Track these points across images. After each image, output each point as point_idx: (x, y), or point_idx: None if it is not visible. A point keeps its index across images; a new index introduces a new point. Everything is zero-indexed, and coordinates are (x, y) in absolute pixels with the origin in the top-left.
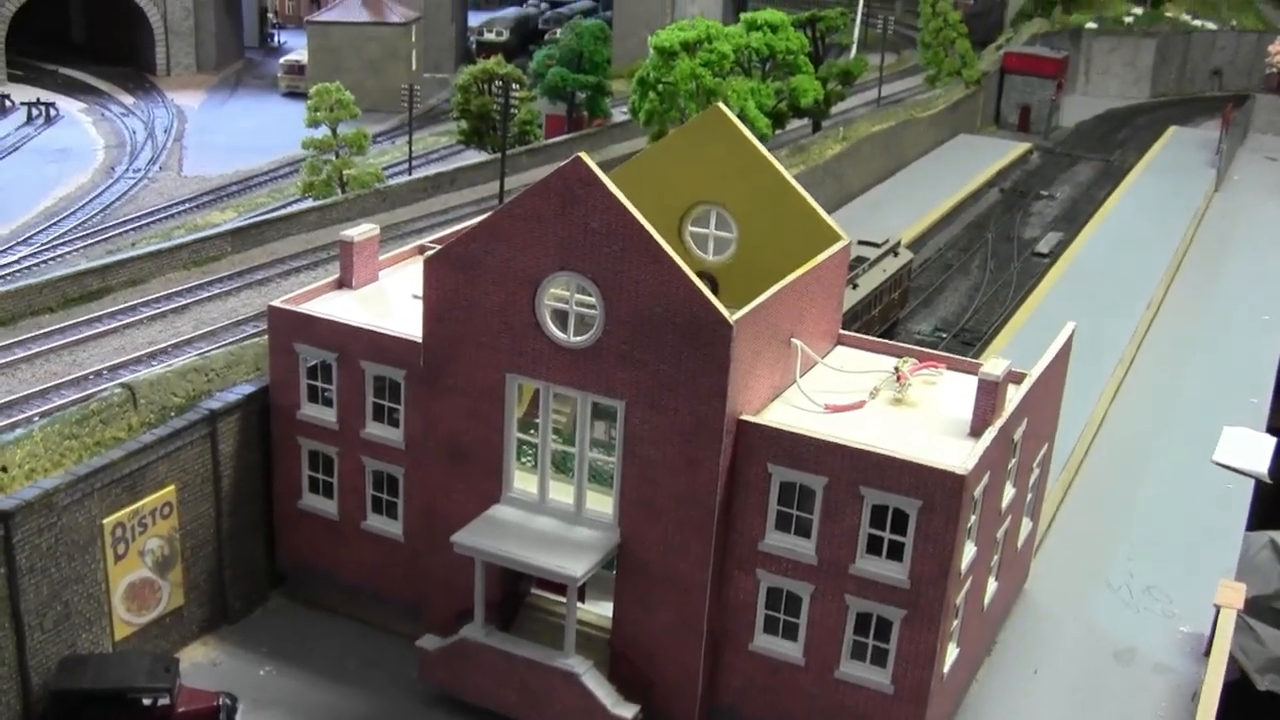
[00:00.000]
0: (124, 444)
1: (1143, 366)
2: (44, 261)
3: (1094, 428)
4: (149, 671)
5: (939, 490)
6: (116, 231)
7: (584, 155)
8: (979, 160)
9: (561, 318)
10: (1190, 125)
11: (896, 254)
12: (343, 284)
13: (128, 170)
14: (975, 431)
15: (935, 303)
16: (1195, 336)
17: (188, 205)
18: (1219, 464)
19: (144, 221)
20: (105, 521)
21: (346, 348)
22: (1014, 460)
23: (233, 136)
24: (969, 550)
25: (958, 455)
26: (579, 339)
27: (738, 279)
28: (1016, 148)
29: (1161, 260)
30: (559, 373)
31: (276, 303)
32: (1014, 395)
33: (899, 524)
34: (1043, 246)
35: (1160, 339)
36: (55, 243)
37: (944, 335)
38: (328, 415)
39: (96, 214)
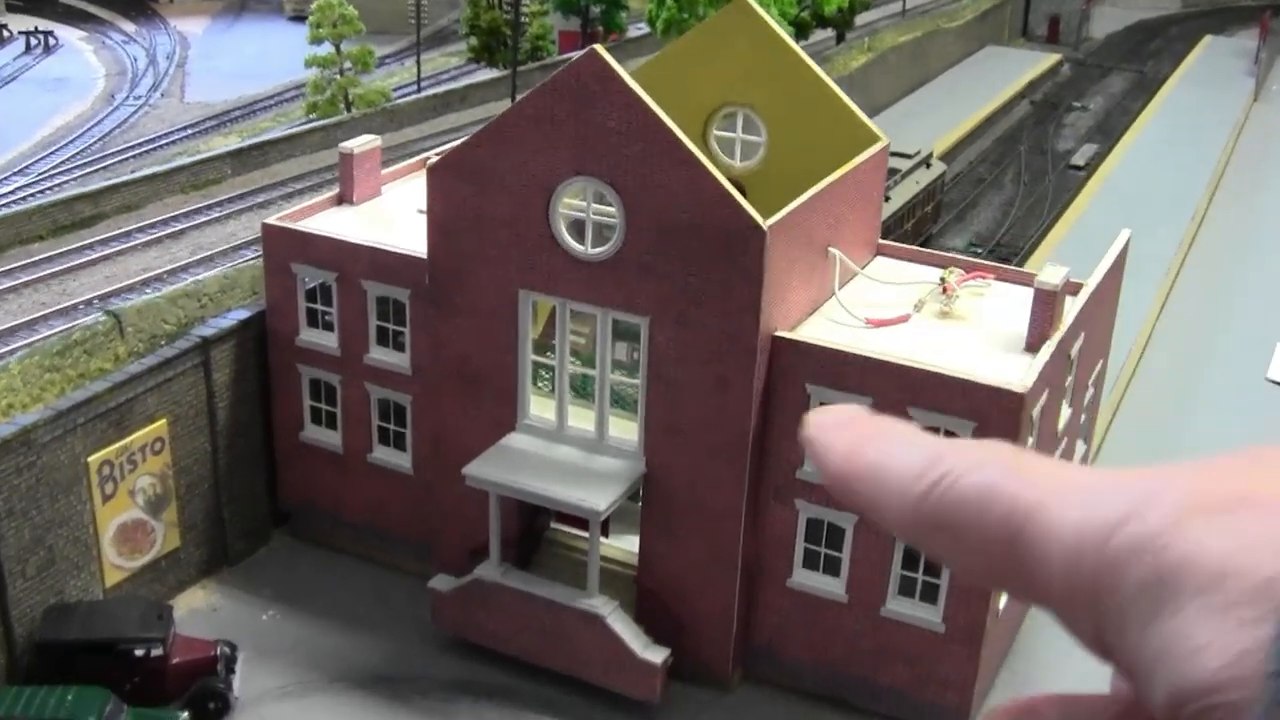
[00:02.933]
0: (110, 375)
1: (1189, 281)
2: (40, 191)
3: (1141, 346)
4: (140, 620)
5: (995, 410)
6: (115, 160)
7: (599, 48)
8: (1008, 72)
9: (578, 228)
10: (1225, 34)
11: (929, 166)
12: (343, 199)
13: (128, 98)
14: (1031, 346)
15: (968, 217)
16: (1242, 249)
17: (190, 131)
18: (1273, 381)
19: (144, 149)
20: (90, 459)
21: (347, 267)
22: (1070, 378)
23: (237, 62)
24: None
25: (1014, 372)
26: (597, 251)
27: (767, 186)
28: (1046, 59)
29: (1203, 172)
30: (576, 288)
31: (271, 220)
32: (1071, 307)
33: None
34: (1078, 159)
35: (1206, 252)
36: (52, 172)
37: (979, 250)
38: (329, 340)
39: (95, 142)
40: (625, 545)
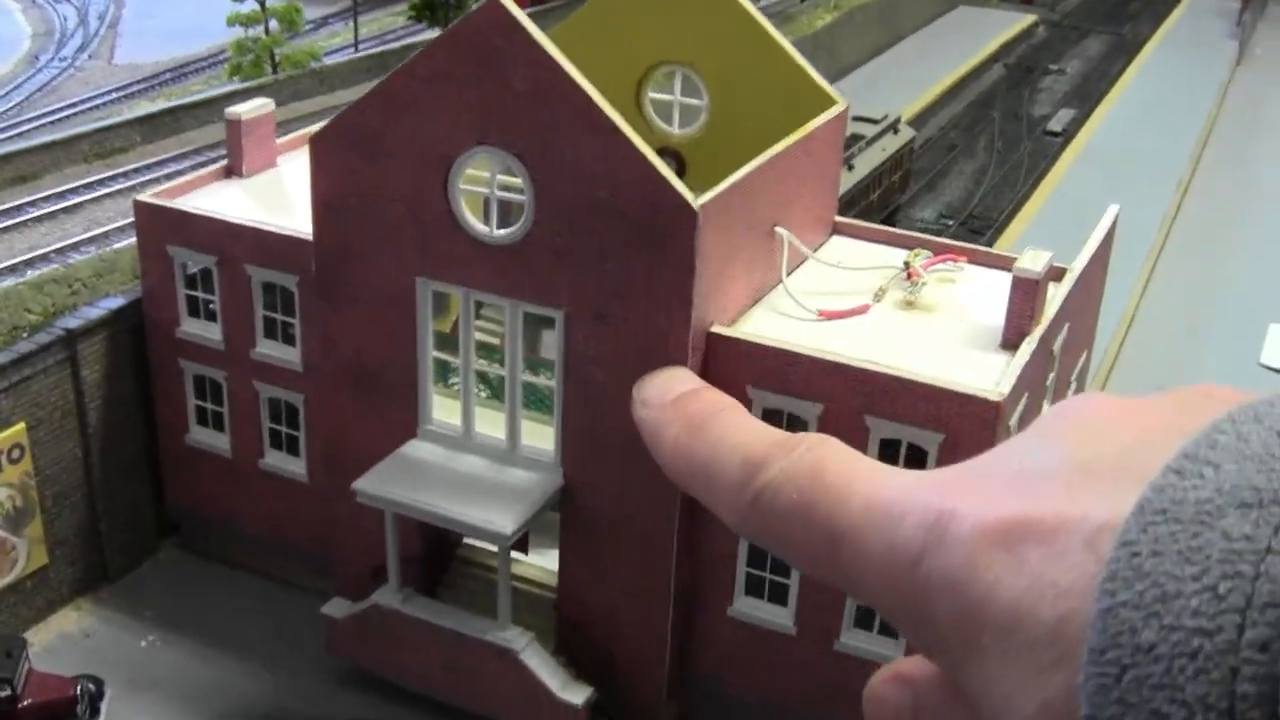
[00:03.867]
0: None
1: (1174, 257)
2: None
3: (1123, 330)
4: None
5: (966, 420)
6: (32, 125)
7: None
8: (981, 33)
9: (483, 206)
10: None
11: (896, 131)
12: (231, 172)
13: (53, 59)
14: (1009, 343)
15: (939, 187)
16: (1229, 222)
17: (115, 95)
18: (1267, 367)
19: (64, 114)
20: None
21: (228, 250)
22: (1052, 375)
23: (172, 22)
24: None
25: (989, 374)
26: (503, 233)
27: (710, 156)
28: (1021, 20)
29: (1186, 139)
30: (481, 276)
31: (144, 196)
32: (1054, 294)
33: (914, 463)
34: (1054, 125)
35: (1191, 226)
36: None
37: (949, 223)
38: (212, 332)
39: (12, 107)
40: (548, 563)
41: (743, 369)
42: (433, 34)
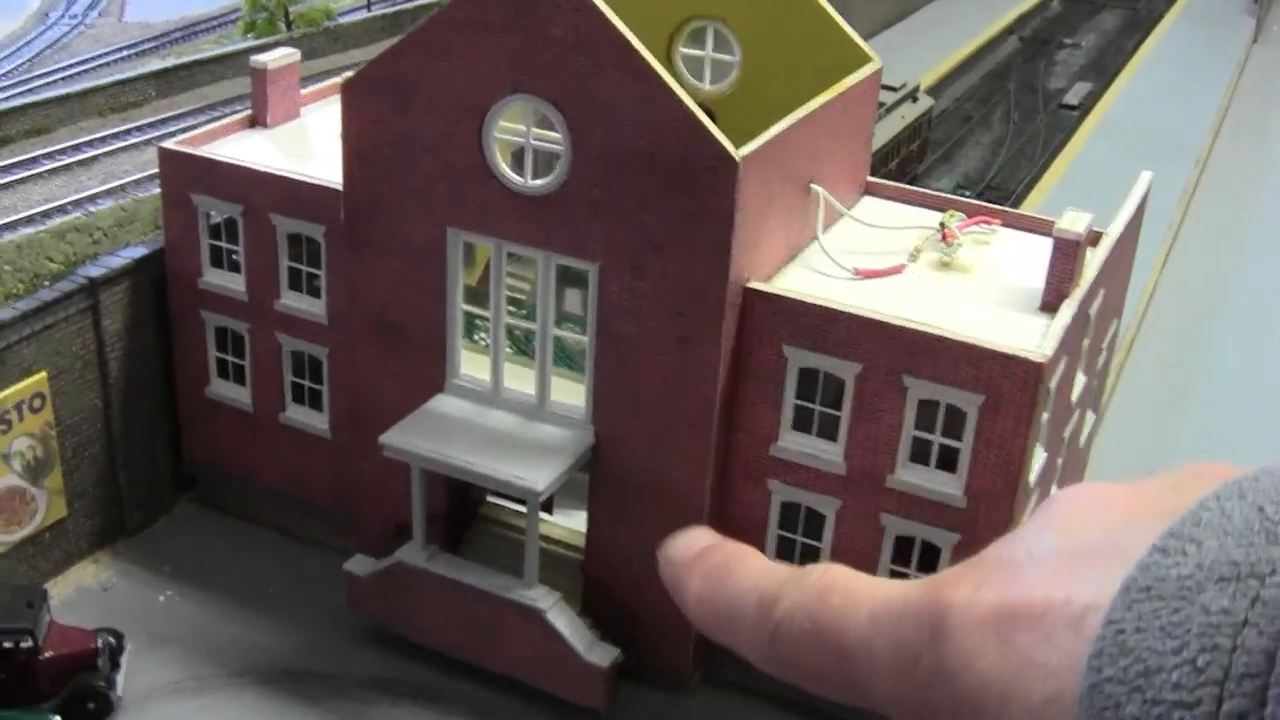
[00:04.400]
0: None
1: (1193, 231)
2: None
3: (1144, 302)
4: (7, 608)
5: (1007, 381)
6: (42, 82)
7: None
8: (996, 6)
9: (517, 156)
10: None
11: (915, 100)
12: (256, 122)
13: (64, 16)
14: (1048, 305)
15: (955, 157)
16: (1248, 198)
17: (127, 53)
18: None
19: (75, 70)
20: None
21: (253, 199)
22: (1087, 341)
23: None
24: (1039, 457)
25: (1029, 336)
26: (539, 182)
27: (741, 113)
28: None
29: (1204, 114)
30: (514, 227)
31: (169, 144)
32: (1091, 259)
33: (953, 425)
34: (1071, 98)
35: (1210, 200)
36: None
37: (966, 193)
38: (235, 283)
39: (23, 63)
40: (573, 523)
41: (780, 326)
42: None
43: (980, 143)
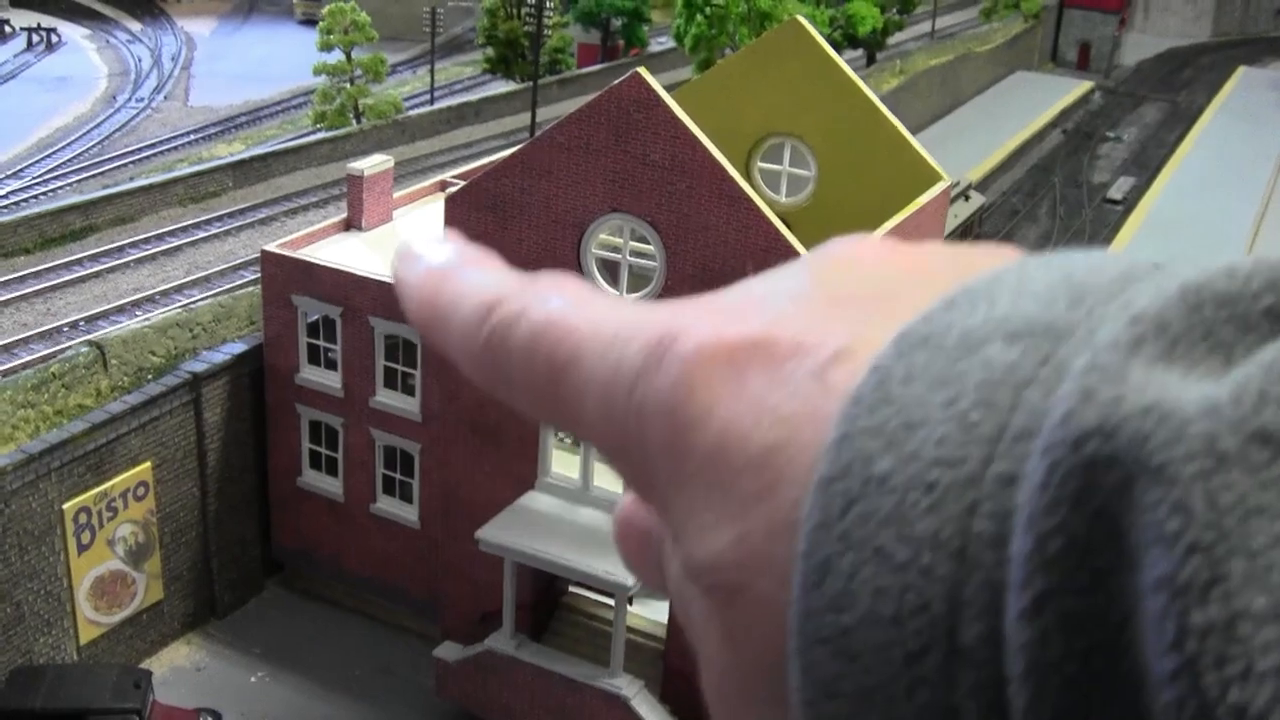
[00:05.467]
0: (89, 414)
1: None
2: (34, 196)
3: None
4: (115, 687)
5: None
6: (114, 165)
7: (644, 71)
8: (1040, 99)
9: (613, 270)
10: (1259, 65)
11: (968, 198)
12: (351, 225)
13: (130, 100)
14: None
15: None
16: None
17: (193, 137)
18: None
19: (145, 154)
20: (66, 506)
21: (353, 300)
22: None
23: (243, 65)
24: None
25: None
26: (633, 296)
27: (817, 225)
28: (1078, 86)
29: (1247, 209)
30: None
31: (271, 247)
32: None
33: None
34: (1115, 193)
35: None
36: (47, 176)
37: None
38: (331, 380)
39: (94, 145)
40: (650, 614)
41: None
42: (506, 85)
43: (1028, 237)
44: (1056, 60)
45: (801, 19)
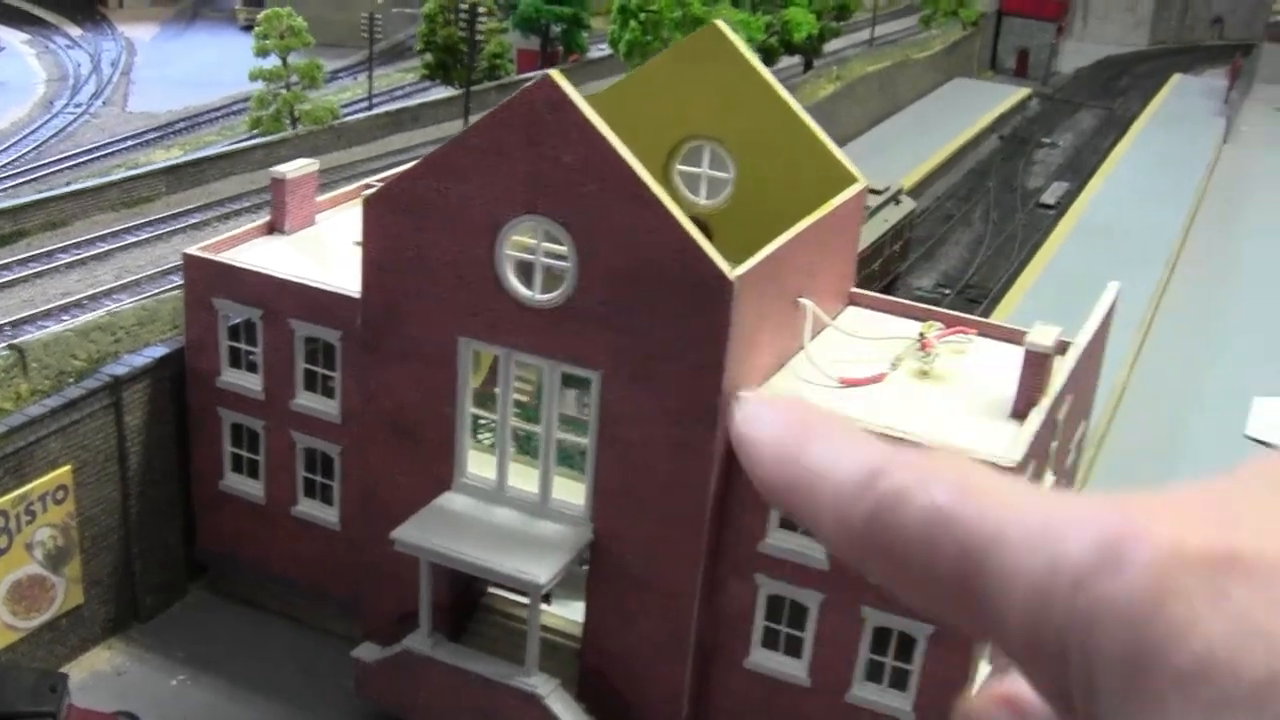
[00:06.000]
0: (8, 417)
1: (1164, 330)
2: None
3: (1115, 399)
4: (32, 690)
5: None
6: (49, 170)
7: (555, 73)
8: (977, 105)
9: (526, 271)
10: (1193, 73)
11: (898, 202)
12: (274, 228)
13: (68, 105)
14: (1019, 413)
15: (936, 256)
16: (1216, 297)
17: (131, 142)
18: (1252, 439)
19: (81, 160)
20: None
21: (273, 304)
22: (1055, 444)
23: (184, 71)
24: None
25: (999, 442)
26: (546, 297)
27: (735, 227)
28: (1015, 93)
29: (1176, 214)
30: (522, 337)
31: (193, 250)
32: (1059, 367)
33: None
34: (1048, 197)
35: (1180, 299)
36: None
37: (946, 292)
38: (252, 383)
39: (29, 151)
40: (570, 613)
41: None
42: (445, 91)
43: (960, 242)
44: (995, 67)
45: (721, 24)
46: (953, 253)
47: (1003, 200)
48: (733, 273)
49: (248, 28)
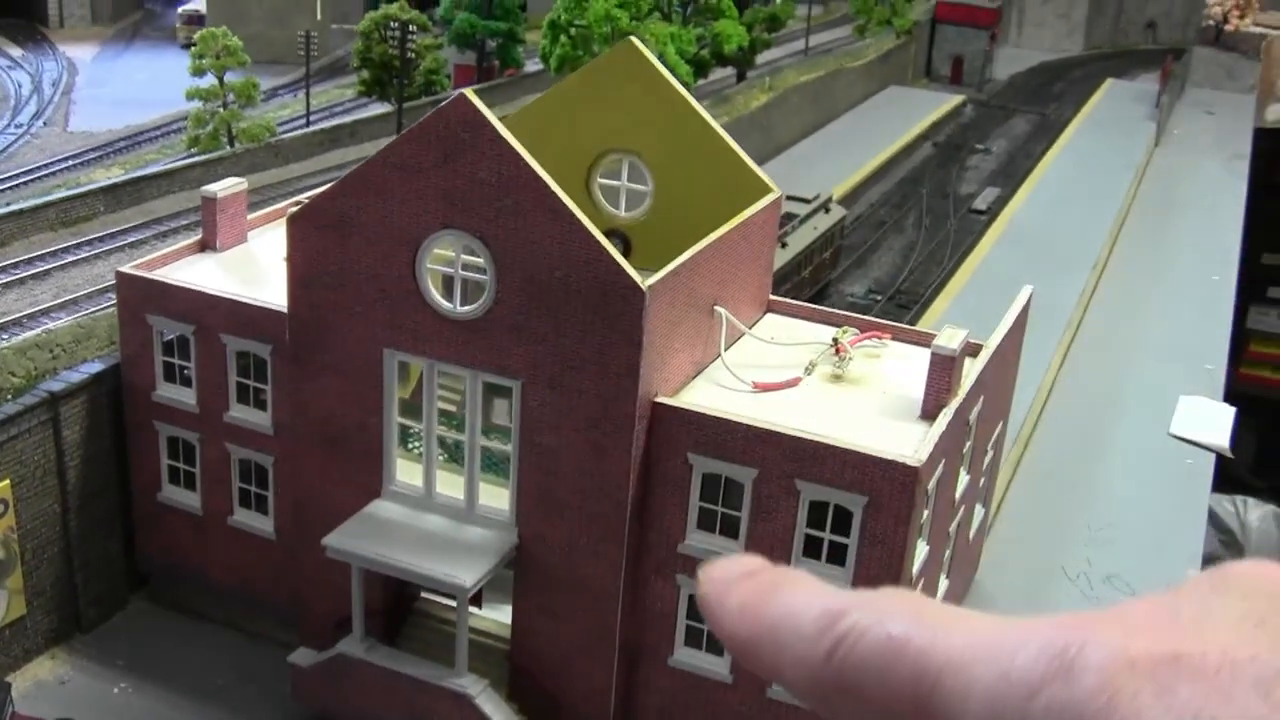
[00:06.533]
0: None
1: (1091, 332)
2: None
3: (1041, 401)
4: None
5: (887, 484)
6: None
7: (469, 92)
8: (911, 113)
9: (447, 284)
10: (1126, 78)
11: (828, 210)
12: (206, 246)
13: (9, 126)
14: (928, 414)
15: (868, 262)
16: (1142, 300)
17: (71, 162)
18: (1177, 437)
19: (21, 180)
20: None
21: (205, 319)
22: (969, 444)
23: (125, 90)
24: (921, 550)
25: (908, 442)
26: (466, 309)
27: (654, 238)
28: (949, 100)
29: (1105, 218)
30: (444, 348)
31: (126, 268)
32: (970, 370)
33: (841, 523)
34: (980, 203)
35: (1107, 301)
36: None
37: (878, 297)
38: (187, 397)
39: None
40: (500, 616)
41: (684, 436)
42: (382, 107)
43: (893, 248)
44: (930, 75)
45: (635, 40)
46: (885, 259)
47: (935, 206)
48: (644, 282)
49: (188, 46)
